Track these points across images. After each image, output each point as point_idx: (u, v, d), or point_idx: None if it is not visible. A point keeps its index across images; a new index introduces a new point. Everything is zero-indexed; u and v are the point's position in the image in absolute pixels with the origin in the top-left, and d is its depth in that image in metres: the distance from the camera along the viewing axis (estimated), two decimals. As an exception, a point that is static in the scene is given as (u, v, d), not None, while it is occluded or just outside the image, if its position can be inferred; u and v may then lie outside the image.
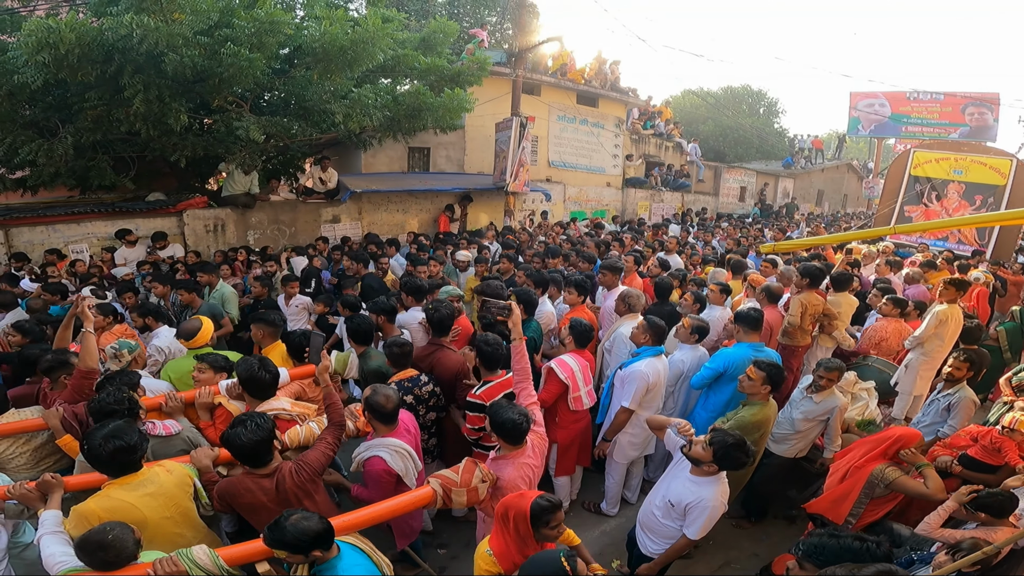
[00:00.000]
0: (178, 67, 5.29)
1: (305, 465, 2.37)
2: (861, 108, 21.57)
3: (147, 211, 7.48)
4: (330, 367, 2.77)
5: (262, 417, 2.34)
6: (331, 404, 2.62)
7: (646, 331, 3.62)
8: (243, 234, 8.23)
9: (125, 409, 2.50)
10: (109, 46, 5.25)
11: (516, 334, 2.87)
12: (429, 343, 3.61)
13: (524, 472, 2.49)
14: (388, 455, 2.61)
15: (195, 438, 2.81)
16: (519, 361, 2.87)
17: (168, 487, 2.27)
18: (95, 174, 6.90)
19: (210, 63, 5.50)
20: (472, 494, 2.42)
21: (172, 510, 2.26)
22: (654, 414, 3.67)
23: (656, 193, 16.11)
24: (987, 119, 19.98)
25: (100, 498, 2.14)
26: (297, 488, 2.32)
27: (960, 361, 3.68)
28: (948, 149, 9.46)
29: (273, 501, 2.28)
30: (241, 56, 5.36)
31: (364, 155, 10.35)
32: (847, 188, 25.23)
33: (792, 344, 4.63)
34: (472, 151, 11.88)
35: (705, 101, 24.61)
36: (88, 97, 5.87)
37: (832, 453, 3.71)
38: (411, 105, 7.56)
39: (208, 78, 5.69)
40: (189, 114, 6.14)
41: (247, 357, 3.01)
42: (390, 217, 10.12)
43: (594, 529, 3.94)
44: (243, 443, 2.23)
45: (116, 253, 6.84)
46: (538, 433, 2.67)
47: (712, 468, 2.47)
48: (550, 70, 12.95)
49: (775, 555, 3.64)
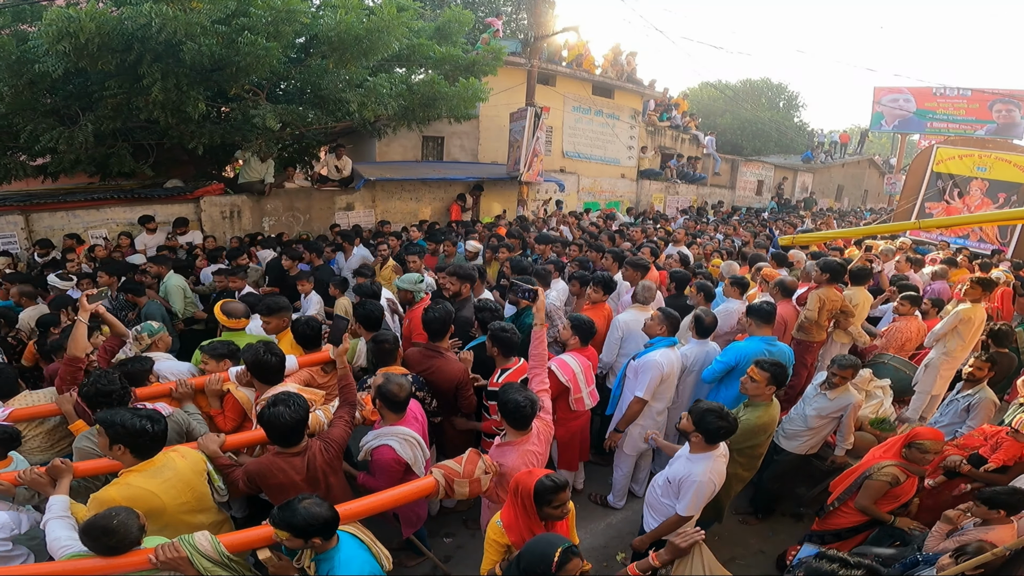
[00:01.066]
0: (196, 56, 5.32)
1: (332, 441, 2.44)
2: (885, 103, 21.14)
3: (165, 198, 7.59)
4: (348, 347, 2.82)
5: (298, 396, 2.35)
6: (347, 385, 2.70)
7: (662, 322, 3.59)
8: (258, 221, 8.32)
9: (117, 392, 2.53)
10: (128, 35, 5.28)
11: (539, 319, 2.87)
12: (426, 349, 3.34)
13: (528, 459, 2.49)
14: (398, 444, 2.62)
15: (183, 421, 2.79)
16: (537, 347, 2.87)
17: (184, 472, 2.28)
18: (115, 161, 6.99)
19: (227, 52, 5.52)
20: (475, 485, 2.42)
21: (189, 495, 2.27)
22: (665, 405, 3.71)
23: (671, 185, 15.94)
24: (1015, 116, 19.44)
25: (119, 486, 2.14)
26: (326, 465, 2.38)
27: (982, 361, 3.62)
28: (972, 146, 9.19)
29: (304, 479, 2.31)
30: (258, 45, 5.38)
31: (378, 144, 10.37)
32: (868, 184, 24.70)
33: (807, 339, 4.56)
34: (486, 141, 11.85)
35: (723, 94, 24.22)
36: (108, 85, 5.92)
37: (843, 450, 3.67)
38: (425, 94, 7.55)
39: (225, 67, 5.72)
40: (207, 102, 6.17)
41: (252, 343, 3.00)
42: (403, 205, 10.16)
43: (600, 521, 3.93)
44: (286, 422, 2.23)
45: (136, 239, 6.93)
46: (545, 420, 2.67)
47: (697, 437, 2.59)
48: (565, 60, 12.84)
49: (780, 552, 3.64)
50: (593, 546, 3.71)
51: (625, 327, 4.09)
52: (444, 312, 3.37)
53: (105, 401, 2.50)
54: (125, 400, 2.58)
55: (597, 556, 3.64)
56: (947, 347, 4.36)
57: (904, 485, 3.01)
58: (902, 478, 3.00)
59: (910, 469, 3.00)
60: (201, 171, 8.37)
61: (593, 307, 4.39)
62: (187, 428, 2.78)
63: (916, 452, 2.93)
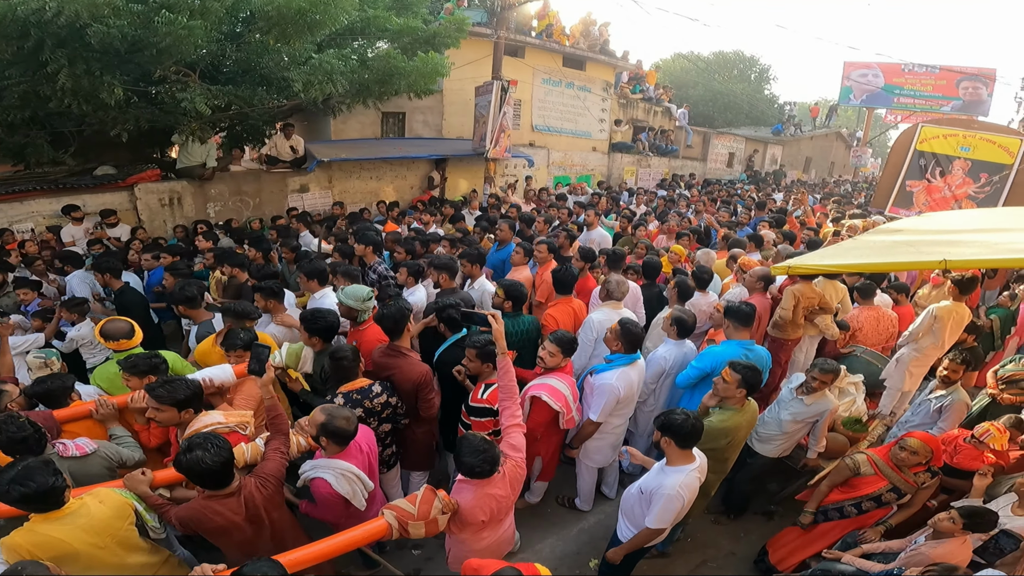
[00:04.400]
0: (106, 38, 4.79)
1: (268, 477, 2.29)
2: (854, 78, 21.41)
3: (95, 187, 6.92)
4: (274, 376, 2.58)
5: (213, 437, 2.16)
6: (276, 416, 2.49)
7: (618, 338, 3.28)
8: (202, 207, 7.72)
9: (31, 436, 2.32)
10: (22, 21, 4.77)
11: (500, 348, 2.58)
12: (389, 348, 3.19)
13: (487, 503, 2.28)
14: (333, 478, 2.40)
15: (113, 454, 2.62)
16: (504, 378, 2.59)
17: (101, 519, 2.12)
18: (31, 151, 6.37)
19: (144, 33, 4.99)
20: (431, 526, 2.24)
21: (107, 540, 2.13)
22: (624, 421, 3.58)
23: (643, 159, 15.73)
24: (981, 94, 19.92)
25: (25, 532, 2.02)
26: (266, 502, 2.25)
27: (956, 364, 3.54)
28: (958, 125, 9.15)
29: (244, 519, 2.20)
30: (178, 24, 4.85)
31: (333, 121, 9.79)
32: (835, 156, 25.07)
33: (782, 337, 4.40)
34: (451, 116, 11.36)
35: (696, 65, 23.93)
36: (9, 75, 5.37)
37: (815, 453, 3.61)
38: (381, 70, 7.00)
39: (144, 48, 5.18)
40: (128, 87, 5.62)
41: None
42: (363, 185, 9.62)
43: (573, 527, 3.82)
44: (204, 468, 2.07)
45: (62, 231, 6.37)
46: (515, 460, 2.43)
47: (669, 443, 2.53)
48: (535, 31, 12.35)
49: (753, 554, 3.59)
50: (566, 553, 3.63)
51: (599, 327, 3.82)
52: (397, 310, 3.17)
53: (21, 448, 2.32)
54: (42, 443, 2.39)
55: (570, 563, 3.56)
56: (919, 345, 4.26)
57: (865, 479, 3.02)
58: (864, 469, 3.03)
59: (883, 470, 2.96)
60: (138, 156, 7.70)
61: (557, 302, 4.14)
62: (119, 460, 2.63)
63: (899, 452, 2.90)
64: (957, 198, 8.74)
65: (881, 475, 2.98)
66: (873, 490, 2.99)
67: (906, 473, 2.93)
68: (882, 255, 3.57)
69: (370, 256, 4.79)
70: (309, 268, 3.96)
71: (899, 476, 2.93)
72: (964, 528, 2.48)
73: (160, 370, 2.88)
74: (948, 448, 3.25)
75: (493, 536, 2.44)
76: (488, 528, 2.38)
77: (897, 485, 2.94)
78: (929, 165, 8.97)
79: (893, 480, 2.94)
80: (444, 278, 4.11)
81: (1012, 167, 8.30)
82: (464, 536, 2.37)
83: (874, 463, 3.02)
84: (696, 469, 2.57)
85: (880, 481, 2.98)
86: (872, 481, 3.01)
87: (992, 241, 3.33)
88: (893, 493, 2.96)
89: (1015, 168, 8.26)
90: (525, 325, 3.88)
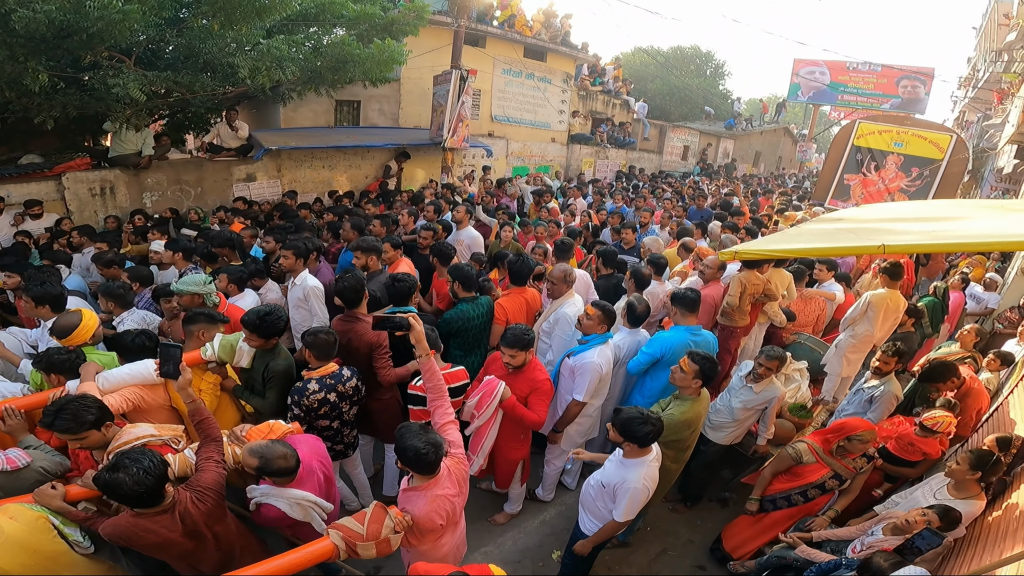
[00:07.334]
0: (31, 23, 4.44)
1: (206, 490, 2.12)
2: (803, 75, 22.25)
3: (19, 176, 6.35)
4: (191, 378, 2.38)
5: (143, 455, 1.96)
6: (202, 420, 2.31)
7: (601, 321, 3.37)
8: (138, 197, 7.22)
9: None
10: None
11: (422, 349, 2.48)
12: (346, 315, 3.35)
13: (440, 505, 2.19)
14: (287, 507, 2.28)
15: (51, 467, 2.37)
16: (431, 378, 2.51)
17: (17, 536, 1.95)
18: (-52, 140, 5.78)
19: (74, 17, 4.63)
20: (383, 546, 2.07)
21: (32, 558, 1.97)
22: (601, 401, 3.62)
23: (601, 150, 15.89)
24: (919, 92, 21.08)
25: None
26: (205, 516, 2.11)
27: (888, 356, 3.66)
28: (892, 122, 9.69)
29: (182, 535, 2.05)
30: (112, 8, 4.53)
31: (283, 109, 9.34)
32: (782, 151, 26.01)
33: (731, 325, 4.52)
34: (408, 104, 11.07)
35: (655, 60, 24.24)
36: None
37: (764, 440, 3.74)
38: (335, 57, 6.75)
39: (74, 33, 4.80)
40: (57, 72, 5.24)
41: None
42: (315, 174, 9.27)
43: (533, 519, 3.83)
44: (125, 492, 1.91)
45: (-18, 223, 5.82)
46: (456, 457, 2.34)
47: (628, 445, 2.56)
48: (497, 21, 12.20)
49: (710, 541, 3.71)
50: (528, 546, 3.63)
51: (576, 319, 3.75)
52: (354, 280, 3.35)
53: None
54: None
55: (532, 556, 3.57)
56: (855, 331, 4.46)
57: (808, 467, 3.12)
58: (806, 458, 3.13)
59: (824, 458, 3.09)
60: (68, 143, 7.15)
61: (510, 293, 4.11)
62: (57, 474, 2.38)
63: (857, 444, 2.99)
64: (890, 191, 9.27)
65: (822, 463, 3.09)
66: (817, 478, 3.10)
67: (845, 460, 3.07)
68: (824, 241, 3.73)
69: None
70: (37, 293, 3.28)
71: (838, 463, 3.06)
72: (971, 470, 2.64)
73: (72, 364, 2.67)
74: (902, 443, 3.32)
75: (452, 541, 2.37)
76: (448, 533, 2.31)
77: (838, 472, 3.07)
78: (865, 160, 9.47)
79: (834, 467, 3.07)
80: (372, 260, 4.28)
81: (941, 162, 8.85)
82: (425, 548, 2.26)
83: (814, 451, 3.12)
84: (654, 458, 2.63)
85: (822, 469, 3.09)
86: (815, 469, 3.11)
87: (927, 229, 3.50)
88: (835, 480, 3.08)
89: (944, 163, 8.82)
90: (483, 308, 3.87)
